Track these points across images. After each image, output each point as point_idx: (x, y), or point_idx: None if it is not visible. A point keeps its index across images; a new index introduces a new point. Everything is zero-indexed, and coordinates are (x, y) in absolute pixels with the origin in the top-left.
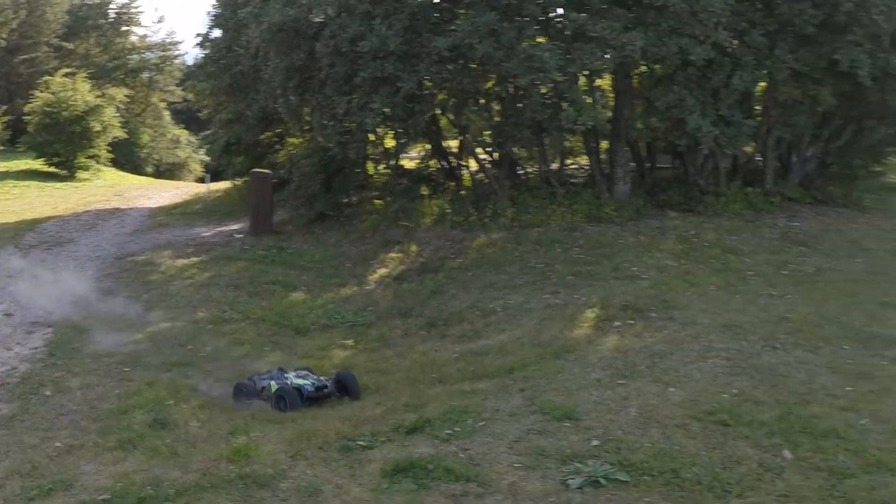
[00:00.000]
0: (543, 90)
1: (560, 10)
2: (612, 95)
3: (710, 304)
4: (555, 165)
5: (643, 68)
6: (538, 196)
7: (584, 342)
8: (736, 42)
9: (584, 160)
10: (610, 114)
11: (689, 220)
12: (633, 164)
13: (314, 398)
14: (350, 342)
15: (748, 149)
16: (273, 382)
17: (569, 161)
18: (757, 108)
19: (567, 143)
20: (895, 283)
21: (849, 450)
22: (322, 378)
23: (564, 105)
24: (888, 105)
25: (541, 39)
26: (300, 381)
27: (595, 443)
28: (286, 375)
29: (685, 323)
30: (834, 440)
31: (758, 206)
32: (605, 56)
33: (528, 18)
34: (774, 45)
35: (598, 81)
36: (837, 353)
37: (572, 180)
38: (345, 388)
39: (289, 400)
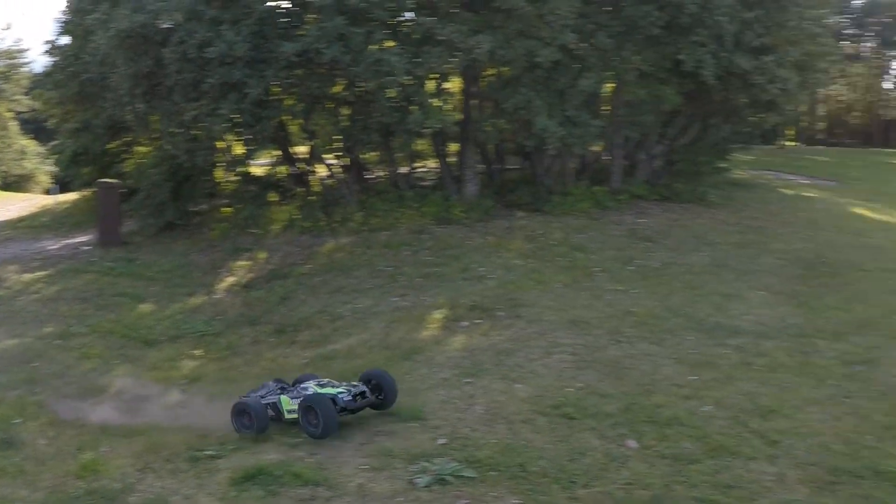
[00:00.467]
0: (391, 94)
1: (409, 15)
2: (460, 98)
3: (556, 302)
4: (404, 169)
5: (491, 71)
6: (387, 200)
7: (432, 343)
8: (583, 44)
9: (432, 163)
10: (459, 116)
11: (537, 219)
12: (481, 166)
13: (354, 409)
14: (199, 352)
15: (595, 148)
16: (284, 397)
17: (417, 164)
18: (605, 108)
19: (416, 147)
20: (739, 274)
21: (692, 436)
22: (354, 383)
23: (412, 108)
24: (732, 103)
25: (389, 43)
26: (330, 391)
27: (442, 441)
28: (302, 387)
29: (531, 320)
30: (678, 428)
31: (605, 205)
32: (453, 59)
33: (376, 23)
34: (621, 47)
35: (447, 84)
36: (681, 344)
37: (421, 183)
38: (379, 388)
39: (322, 413)
